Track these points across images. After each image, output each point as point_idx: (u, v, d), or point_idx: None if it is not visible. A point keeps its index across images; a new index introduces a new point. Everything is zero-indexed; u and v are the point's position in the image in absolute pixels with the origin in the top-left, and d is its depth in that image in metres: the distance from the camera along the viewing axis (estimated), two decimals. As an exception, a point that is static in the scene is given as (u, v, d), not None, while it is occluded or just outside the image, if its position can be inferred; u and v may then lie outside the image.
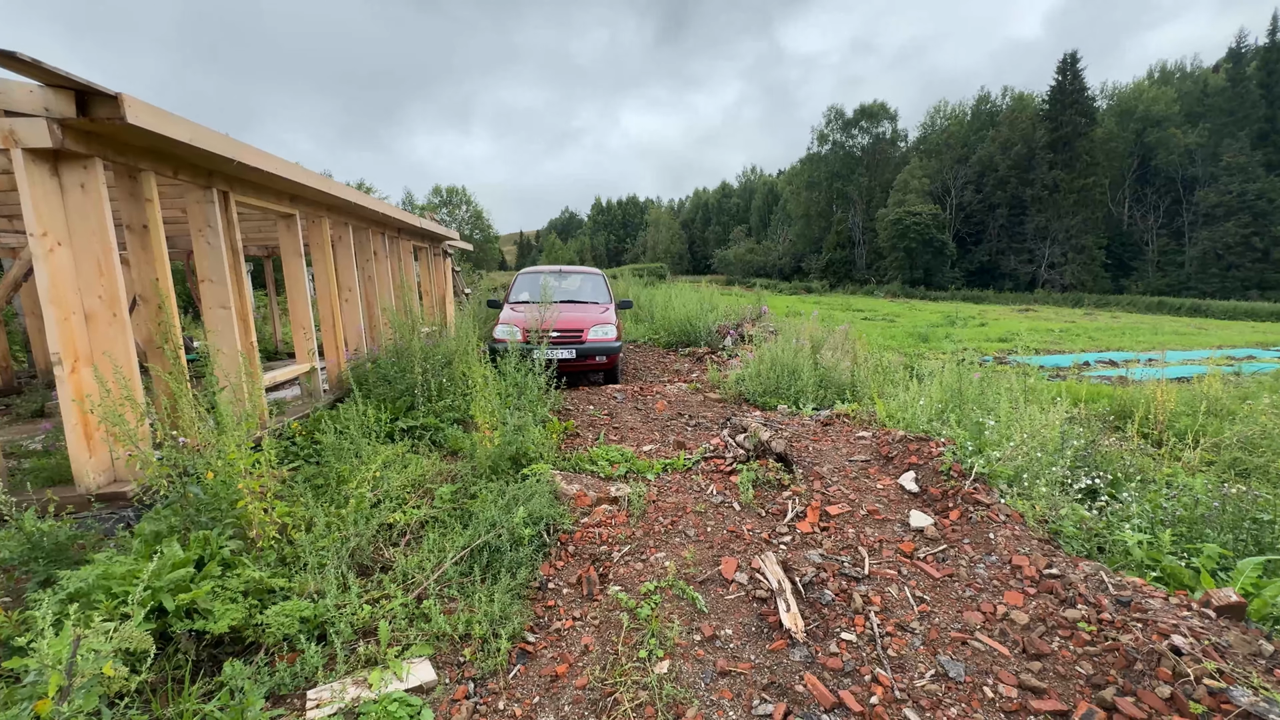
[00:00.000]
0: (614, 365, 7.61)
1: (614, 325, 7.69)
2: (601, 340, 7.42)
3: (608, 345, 7.41)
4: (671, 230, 79.40)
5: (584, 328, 7.43)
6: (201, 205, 4.31)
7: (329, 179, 5.54)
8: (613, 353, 7.44)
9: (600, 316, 7.88)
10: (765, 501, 3.63)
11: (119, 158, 3.47)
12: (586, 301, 8.70)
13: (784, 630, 2.46)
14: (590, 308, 8.35)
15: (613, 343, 7.47)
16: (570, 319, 7.50)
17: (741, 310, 13.16)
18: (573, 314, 7.76)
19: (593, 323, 7.59)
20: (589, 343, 7.35)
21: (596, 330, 7.48)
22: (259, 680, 2.12)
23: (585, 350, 7.29)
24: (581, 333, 7.38)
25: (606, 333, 7.51)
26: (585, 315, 7.84)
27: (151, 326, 3.89)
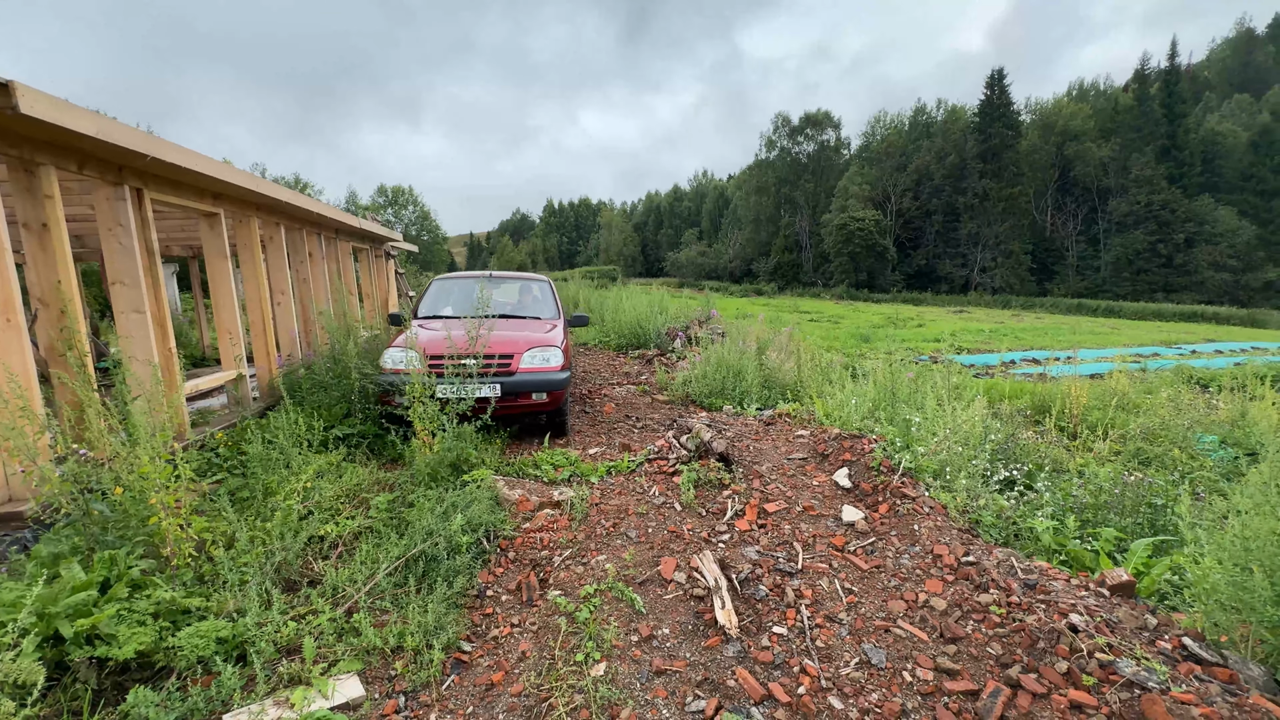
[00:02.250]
0: (559, 405, 5.21)
1: (559, 348, 5.29)
2: (540, 370, 5.08)
3: (549, 377, 5.04)
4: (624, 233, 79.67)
5: (515, 352, 5.06)
6: (111, 203, 4.05)
7: (256, 176, 5.29)
8: (556, 387, 5.05)
9: (541, 336, 5.53)
10: (706, 501, 3.69)
11: (13, 151, 3.21)
12: (525, 317, 6.48)
13: (719, 627, 2.51)
14: (529, 325, 6.11)
15: (556, 373, 5.10)
16: (497, 340, 5.15)
17: (691, 313, 13.33)
18: (502, 333, 5.43)
19: (529, 344, 5.23)
20: (522, 374, 5.01)
21: (534, 356, 5.13)
22: (169, 707, 2.00)
23: (517, 385, 4.93)
24: (511, 360, 5.01)
25: (548, 358, 5.16)
26: (519, 335, 5.48)
27: (54, 332, 3.62)
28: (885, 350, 13.72)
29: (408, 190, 53.80)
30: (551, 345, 5.31)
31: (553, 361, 5.16)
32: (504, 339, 5.27)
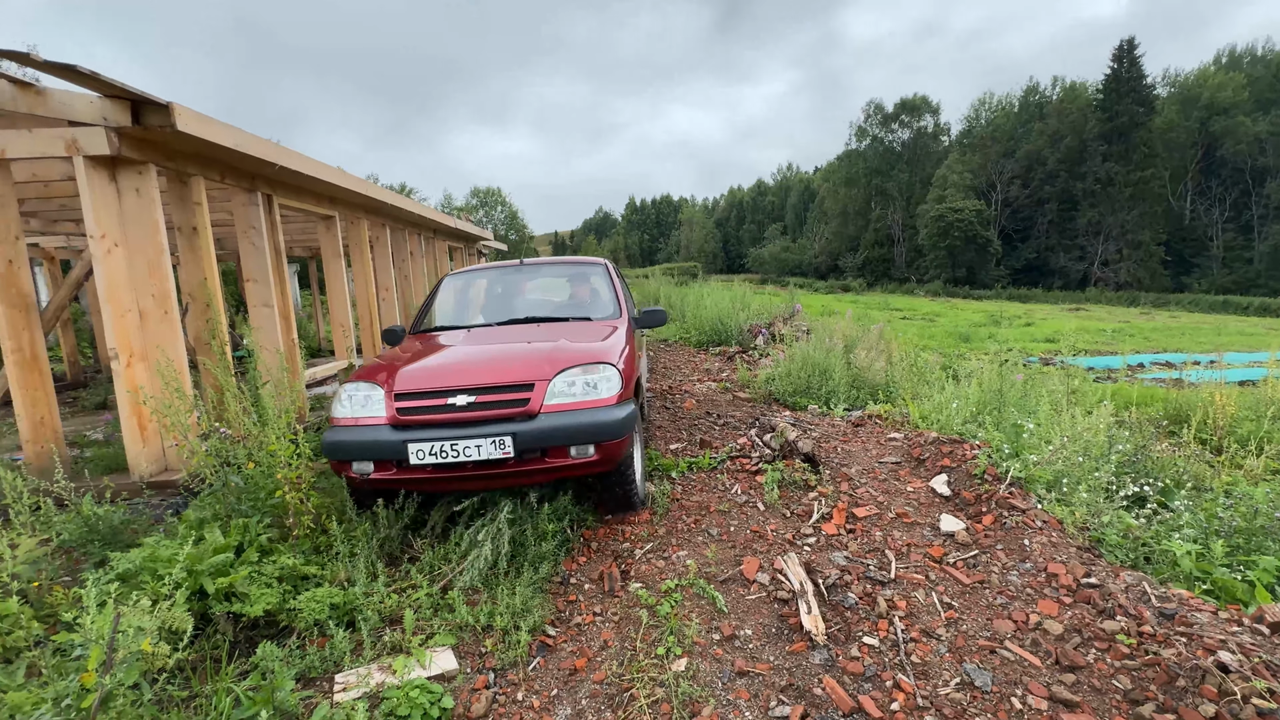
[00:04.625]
0: (615, 459, 3.09)
1: (615, 367, 3.20)
2: (580, 407, 3.03)
3: (597, 418, 2.96)
4: (705, 229, 79.06)
5: (534, 379, 3.04)
6: (246, 208, 4.51)
7: (365, 181, 5.71)
8: (609, 434, 2.95)
9: (584, 349, 3.37)
10: (790, 502, 3.58)
11: (170, 163, 3.65)
12: (571, 319, 4.23)
13: (804, 632, 2.42)
14: (572, 330, 3.87)
15: (608, 409, 3.03)
16: (503, 361, 3.32)
17: (774, 309, 13.01)
18: (514, 348, 3.54)
19: (561, 363, 3.14)
20: (550, 414, 2.98)
21: (569, 384, 3.08)
22: (290, 662, 2.21)
23: (540, 435, 2.90)
24: (529, 392, 3.00)
25: (596, 385, 3.10)
26: (545, 349, 3.35)
27: (200, 324, 4.09)
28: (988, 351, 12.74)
29: (497, 191, 56.36)
30: (601, 362, 3.13)
31: (604, 390, 3.04)
32: (515, 356, 3.32)
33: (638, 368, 3.90)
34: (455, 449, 2.80)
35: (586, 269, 4.99)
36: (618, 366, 3.19)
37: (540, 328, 3.98)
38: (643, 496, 3.58)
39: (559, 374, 3.06)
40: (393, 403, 3.00)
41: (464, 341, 3.75)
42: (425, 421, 2.95)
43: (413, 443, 2.82)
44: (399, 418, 2.97)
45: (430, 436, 2.84)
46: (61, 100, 3.17)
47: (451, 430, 2.87)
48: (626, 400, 3.17)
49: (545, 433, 2.88)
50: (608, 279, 4.70)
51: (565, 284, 5.08)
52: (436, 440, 2.81)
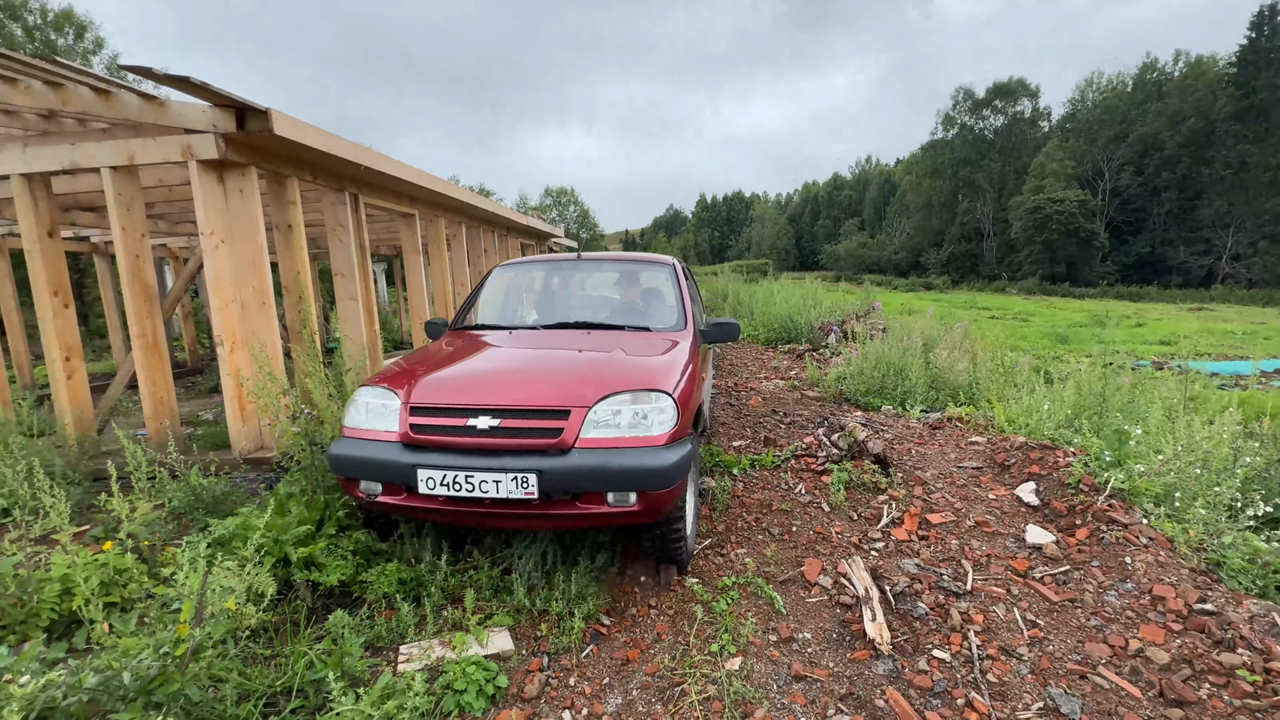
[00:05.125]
0: (661, 511, 2.45)
1: (670, 395, 2.57)
2: (623, 444, 2.43)
3: (642, 461, 2.34)
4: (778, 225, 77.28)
5: (570, 404, 2.48)
6: (335, 207, 4.83)
7: (443, 180, 5.97)
8: (656, 482, 2.33)
9: (637, 367, 2.81)
10: (857, 504, 3.41)
11: (268, 165, 3.96)
12: (626, 327, 3.54)
13: (867, 640, 2.30)
14: (625, 341, 3.23)
15: (657, 451, 2.41)
16: (533, 380, 2.79)
17: (847, 307, 12.50)
18: (555, 364, 3.03)
19: (606, 386, 2.56)
20: (585, 450, 2.41)
21: (613, 412, 2.49)
22: (359, 630, 2.34)
23: (570, 475, 2.34)
24: (563, 420, 2.45)
25: (645, 417, 2.50)
26: (586, 366, 2.82)
27: (293, 315, 4.42)
28: (1089, 352, 11.65)
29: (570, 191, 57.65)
30: (654, 390, 2.55)
31: (655, 425, 2.47)
32: (552, 372, 2.85)
33: (700, 394, 3.16)
34: (470, 481, 2.32)
35: (651, 269, 4.28)
36: (673, 396, 2.56)
37: (590, 336, 3.35)
38: (692, 550, 2.88)
39: (602, 400, 2.48)
40: (407, 416, 2.56)
41: (501, 346, 3.28)
42: (440, 444, 2.47)
43: (423, 468, 2.37)
44: (411, 435, 2.50)
45: (443, 463, 2.38)
46: (179, 110, 3.51)
47: (468, 458, 2.39)
48: (682, 439, 2.55)
49: (577, 473, 2.32)
50: (674, 282, 3.97)
51: (625, 285, 4.29)
52: (450, 469, 2.35)
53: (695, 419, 3.00)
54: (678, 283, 3.95)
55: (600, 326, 3.53)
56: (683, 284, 3.93)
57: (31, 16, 16.07)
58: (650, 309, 3.93)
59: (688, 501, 2.82)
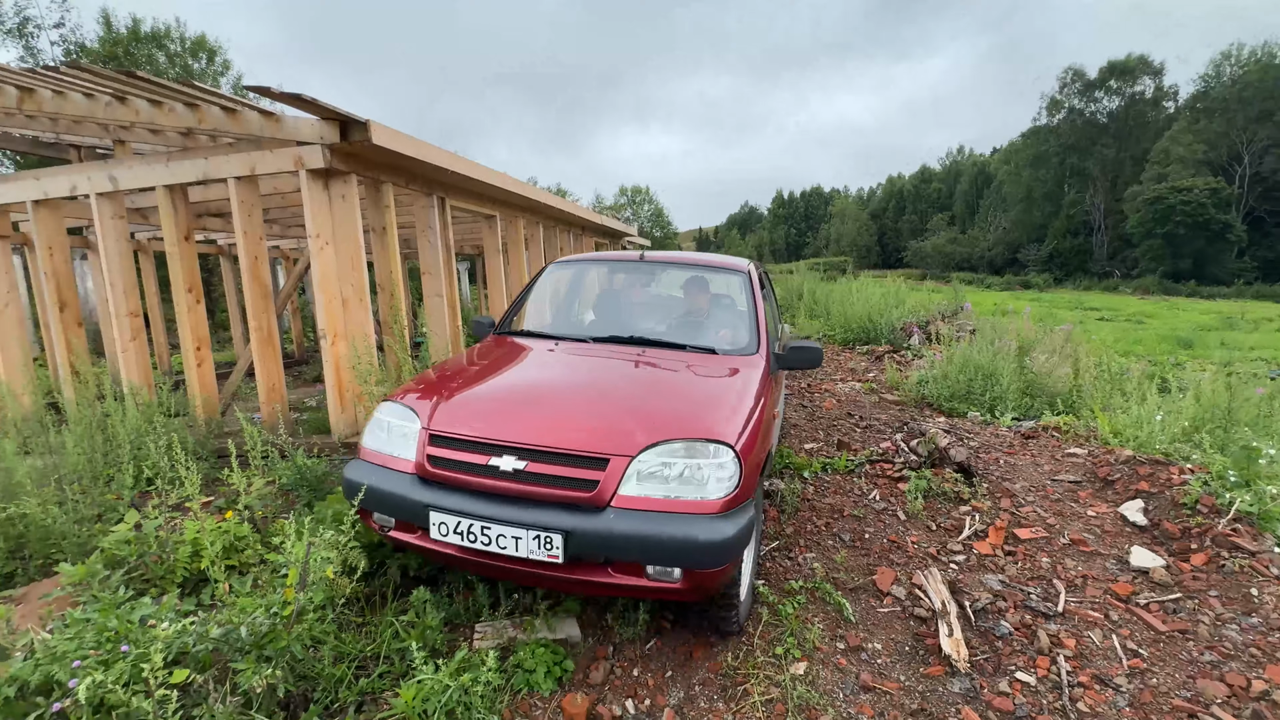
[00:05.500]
0: (708, 591, 2.07)
1: (732, 448, 2.06)
2: (668, 507, 1.98)
3: (688, 530, 1.90)
4: (859, 221, 74.18)
5: (608, 452, 2.05)
6: (425, 210, 5.14)
7: (523, 182, 6.21)
8: (706, 556, 1.89)
9: (695, 411, 2.29)
10: (936, 514, 3.25)
11: (367, 173, 4.28)
12: (686, 347, 3.00)
13: (943, 656, 2.19)
14: (686, 369, 2.72)
15: (714, 519, 1.95)
16: (566, 417, 2.28)
17: (932, 307, 11.85)
18: (598, 395, 2.49)
19: (657, 431, 2.10)
20: (623, 510, 1.98)
21: (662, 463, 2.03)
22: (439, 606, 2.50)
23: (603, 540, 1.93)
24: (600, 470, 2.03)
25: (698, 473, 2.02)
26: (641, 404, 2.36)
27: (386, 311, 4.75)
28: (1215, 359, 10.39)
29: (644, 189, 58.06)
30: (714, 441, 2.08)
31: (711, 485, 2.02)
32: (593, 407, 2.36)
33: (770, 439, 2.63)
34: (487, 533, 1.99)
35: (722, 276, 3.66)
36: (736, 448, 2.05)
37: (645, 357, 2.84)
38: (745, 618, 2.42)
39: (649, 449, 2.04)
40: (425, 445, 2.24)
41: (542, 363, 2.87)
42: (458, 483, 2.15)
43: (436, 510, 2.08)
44: (428, 469, 2.20)
45: (460, 507, 2.05)
46: (292, 124, 3.87)
47: (489, 504, 2.06)
48: (743, 504, 2.05)
49: (612, 539, 1.92)
50: (748, 293, 3.34)
51: (691, 293, 3.64)
52: (465, 516, 2.02)
53: (762, 466, 2.42)
54: (752, 294, 3.31)
55: (657, 344, 2.99)
56: (758, 295, 3.30)
57: (173, 44, 18.16)
58: (718, 325, 3.37)
59: (744, 568, 2.35)
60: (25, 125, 6.26)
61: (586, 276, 4.09)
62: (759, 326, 3.09)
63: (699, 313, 3.51)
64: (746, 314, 3.24)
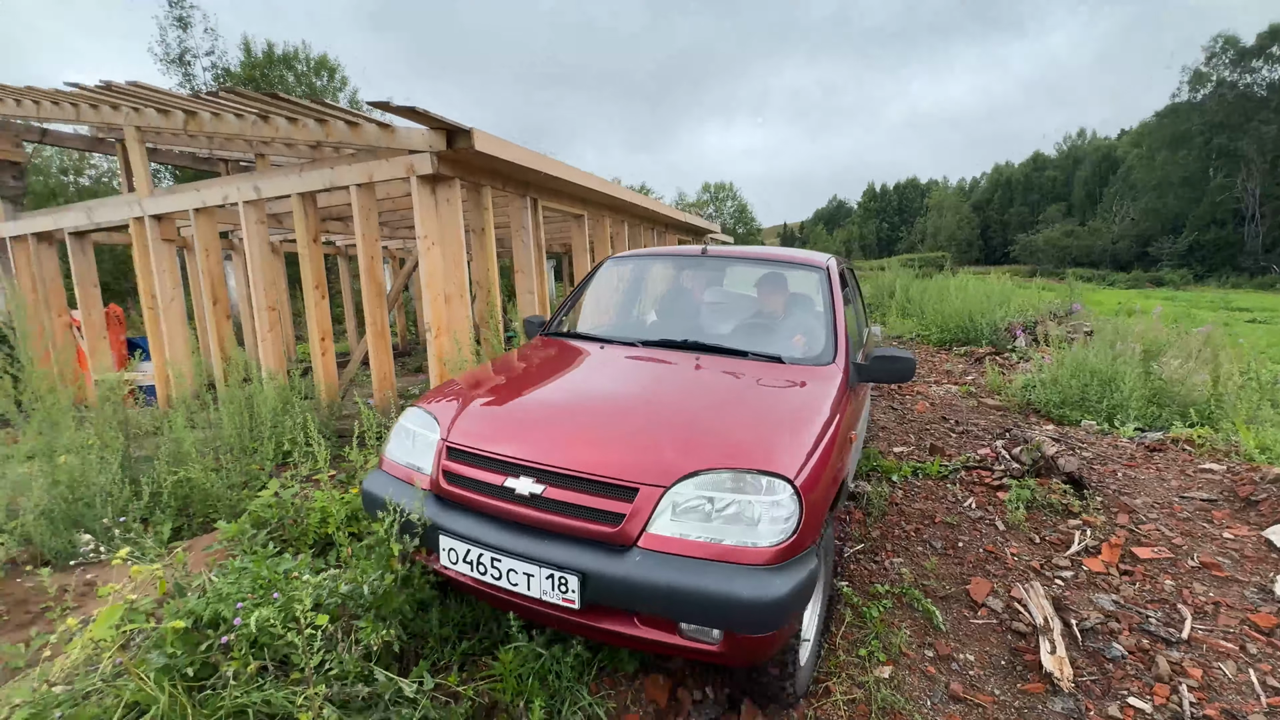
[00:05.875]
0: (753, 659, 1.74)
1: (790, 483, 1.69)
2: (712, 551, 1.64)
3: (732, 592, 1.54)
4: (959, 214, 69.27)
5: (638, 480, 1.73)
6: (519, 211, 5.43)
7: (609, 182, 6.38)
8: (755, 623, 1.56)
9: (753, 428, 1.95)
10: (1040, 526, 3.05)
11: (469, 177, 4.58)
12: (748, 354, 2.59)
13: (1044, 673, 2.08)
14: (746, 379, 2.34)
15: (763, 572, 1.60)
16: (607, 426, 2.03)
17: (1042, 306, 10.93)
18: (636, 409, 2.13)
19: (703, 460, 1.76)
20: (652, 553, 1.67)
21: (704, 496, 1.70)
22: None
23: (621, 588, 1.64)
24: (627, 503, 1.71)
25: (748, 513, 1.67)
26: (683, 424, 1.98)
27: (483, 306, 5.07)
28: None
29: (728, 186, 57.36)
30: (768, 473, 1.72)
31: (763, 528, 1.66)
32: (626, 424, 2.04)
33: (844, 465, 2.15)
34: (498, 566, 1.77)
35: (796, 273, 3.20)
36: (795, 484, 1.68)
37: (700, 365, 2.49)
38: (807, 682, 2.06)
39: (686, 479, 1.71)
40: (442, 457, 2.04)
41: (581, 369, 2.59)
42: (471, 504, 1.94)
43: (445, 534, 1.89)
44: (442, 485, 2.02)
45: (470, 533, 1.85)
46: (405, 135, 4.22)
47: (502, 532, 1.82)
48: (802, 554, 1.68)
49: (636, 587, 1.61)
50: (825, 293, 2.88)
51: (760, 291, 3.25)
52: (476, 544, 1.82)
53: (833, 502, 2.00)
54: (830, 294, 2.84)
55: (715, 350, 2.63)
56: (837, 296, 2.83)
57: (299, 65, 20.12)
58: (788, 329, 2.91)
59: (806, 625, 2.01)
60: (187, 144, 7.20)
61: (643, 273, 3.69)
62: (837, 332, 2.64)
63: (767, 314, 3.10)
64: (822, 316, 2.78)
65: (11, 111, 6.02)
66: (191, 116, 4.95)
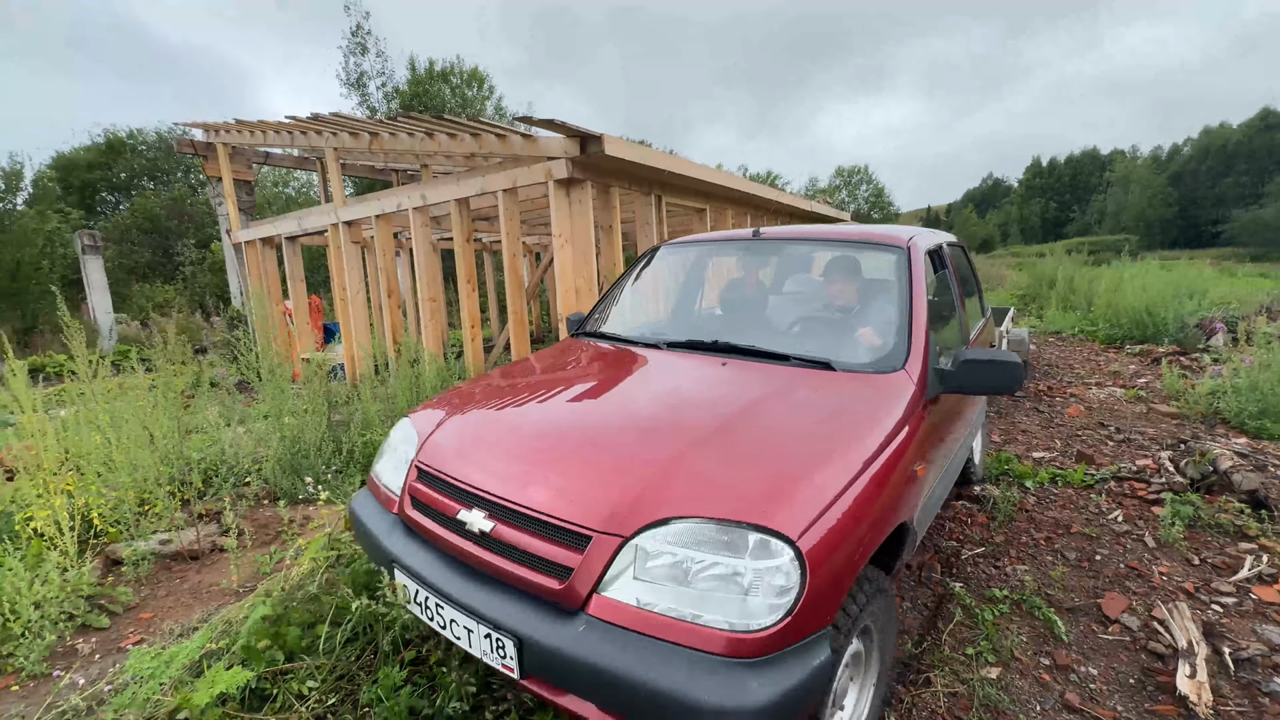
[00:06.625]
0: None
1: (790, 544, 1.27)
2: (675, 631, 1.25)
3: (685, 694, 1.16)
4: (1150, 189, 58.91)
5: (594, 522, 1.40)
6: (644, 207, 5.73)
7: (730, 175, 6.48)
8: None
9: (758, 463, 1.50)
10: (1201, 547, 2.74)
11: (598, 179, 4.95)
12: (790, 358, 2.10)
13: (1178, 696, 1.93)
14: (775, 390, 1.87)
15: (737, 664, 1.20)
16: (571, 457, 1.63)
17: (1253, 299, 9.19)
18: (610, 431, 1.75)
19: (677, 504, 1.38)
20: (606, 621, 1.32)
21: (671, 557, 1.31)
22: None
23: (558, 661, 1.32)
24: (575, 551, 1.39)
25: (739, 583, 1.26)
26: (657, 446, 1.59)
27: (609, 298, 5.46)
28: None
29: (862, 169, 53.87)
30: (760, 524, 1.30)
31: (753, 600, 1.26)
32: (591, 450, 1.66)
33: (904, 510, 1.67)
34: (442, 613, 1.54)
35: (867, 254, 2.61)
36: (796, 543, 1.28)
37: (725, 372, 2.07)
38: None
39: (654, 528, 1.35)
40: (413, 477, 1.83)
41: (584, 378, 2.25)
42: (428, 535, 1.70)
43: (399, 568, 1.69)
44: (406, 511, 1.80)
45: (420, 570, 1.62)
46: (545, 144, 4.67)
47: (449, 573, 1.58)
48: (804, 644, 1.28)
49: (573, 666, 1.30)
50: (903, 280, 2.27)
51: (826, 281, 2.70)
52: (424, 584, 1.59)
53: (895, 550, 1.75)
54: (908, 281, 2.24)
55: (752, 353, 2.17)
56: (918, 284, 2.22)
57: (455, 79, 22.29)
58: (845, 328, 2.38)
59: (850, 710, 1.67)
60: (368, 159, 8.44)
61: (683, 263, 3.20)
62: (912, 330, 2.06)
63: (832, 307, 2.54)
64: (895, 311, 2.17)
65: (247, 141, 7.48)
66: (374, 137, 5.84)
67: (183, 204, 21.13)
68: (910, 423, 1.79)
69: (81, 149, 24.60)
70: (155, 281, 17.71)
